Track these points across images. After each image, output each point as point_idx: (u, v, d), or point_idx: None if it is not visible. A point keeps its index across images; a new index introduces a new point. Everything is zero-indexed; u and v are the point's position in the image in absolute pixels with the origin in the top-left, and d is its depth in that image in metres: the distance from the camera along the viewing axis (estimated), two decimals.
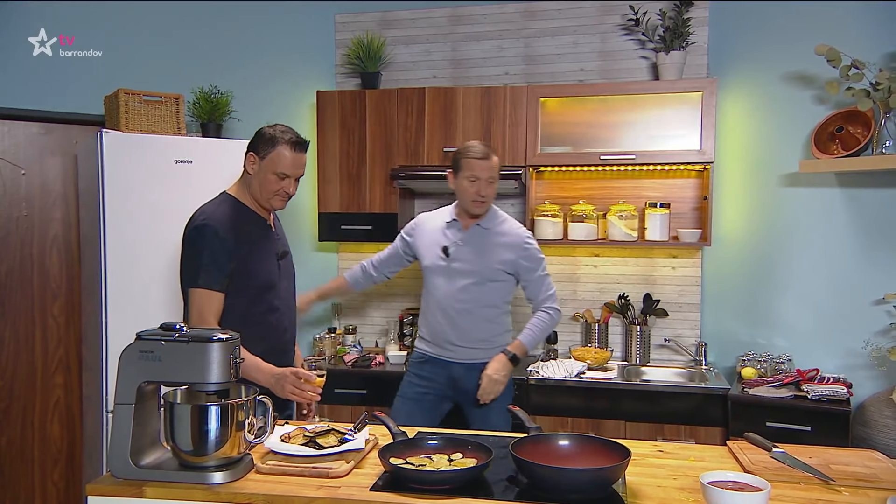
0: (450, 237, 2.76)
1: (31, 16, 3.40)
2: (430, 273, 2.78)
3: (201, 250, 2.15)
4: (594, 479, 1.61)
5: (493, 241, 2.74)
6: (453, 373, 2.74)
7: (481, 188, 2.67)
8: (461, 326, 2.72)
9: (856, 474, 1.72)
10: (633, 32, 3.47)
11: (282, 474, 1.73)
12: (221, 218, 2.19)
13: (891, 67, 2.85)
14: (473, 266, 2.71)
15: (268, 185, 2.24)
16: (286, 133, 2.26)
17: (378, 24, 3.79)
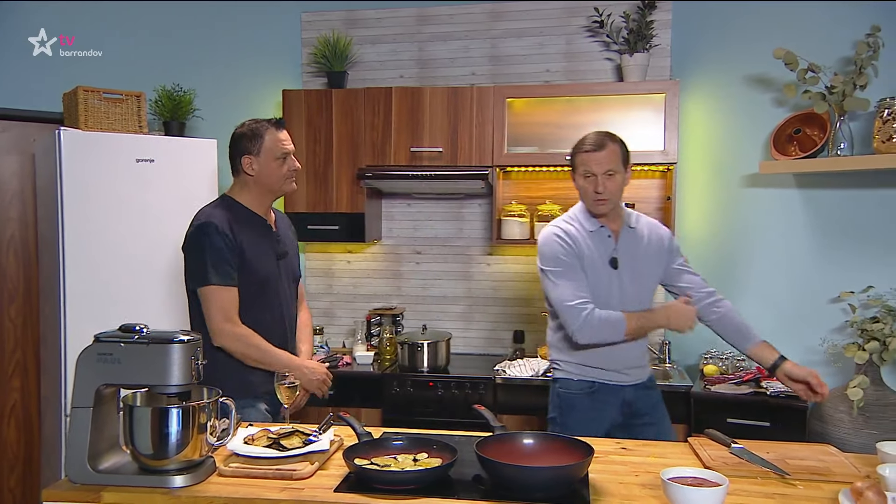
0: (608, 246, 2.37)
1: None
2: (594, 290, 2.33)
3: (206, 248, 2.19)
4: (557, 477, 1.62)
5: (645, 241, 2.41)
6: (626, 396, 2.41)
7: (598, 184, 2.30)
8: (639, 343, 2.40)
9: (810, 468, 1.77)
10: (598, 34, 3.51)
11: (245, 477, 1.71)
12: (220, 215, 2.25)
13: (845, 72, 2.92)
14: (641, 274, 2.38)
15: (276, 173, 2.30)
16: (259, 121, 2.32)
17: (344, 24, 3.77)
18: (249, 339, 2.23)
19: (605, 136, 2.32)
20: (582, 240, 2.35)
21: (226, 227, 2.22)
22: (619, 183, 2.30)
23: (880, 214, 3.08)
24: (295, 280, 2.50)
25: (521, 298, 3.71)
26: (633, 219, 2.42)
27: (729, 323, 2.37)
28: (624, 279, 2.35)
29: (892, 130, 2.75)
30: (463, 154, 3.43)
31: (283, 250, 2.40)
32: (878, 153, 2.81)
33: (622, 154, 2.31)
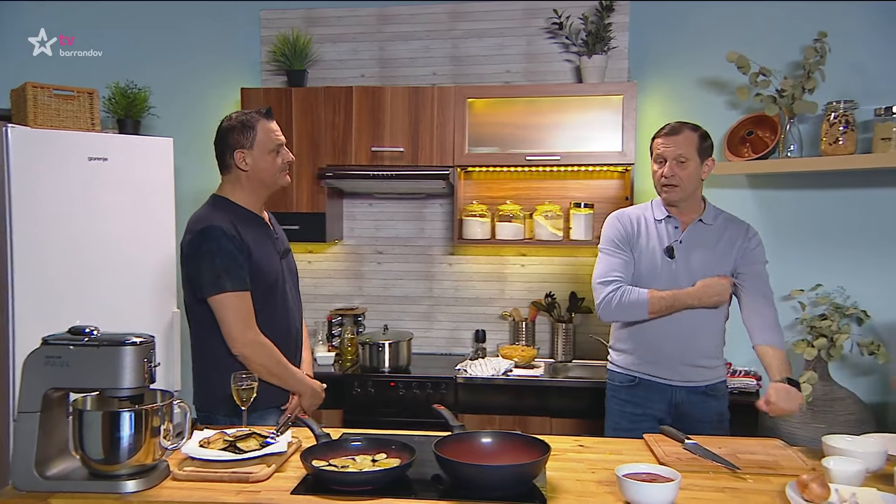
0: (672, 236, 2.34)
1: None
2: (646, 278, 2.32)
3: (216, 254, 2.08)
4: (514, 476, 1.63)
5: (715, 239, 2.33)
6: (675, 398, 2.33)
7: (667, 168, 2.25)
8: (693, 342, 2.32)
9: (760, 462, 1.81)
10: (558, 36, 3.55)
11: (199, 480, 1.69)
12: (222, 218, 2.14)
13: (794, 75, 3.00)
14: (701, 270, 2.30)
15: (271, 167, 2.22)
16: (250, 112, 2.23)
17: (304, 22, 3.74)
18: (272, 352, 2.17)
19: (685, 124, 2.30)
20: (644, 225, 2.35)
21: (231, 229, 2.11)
22: (691, 171, 2.25)
23: (828, 214, 3.17)
24: (296, 278, 2.44)
25: (483, 298, 3.73)
26: (710, 215, 2.35)
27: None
28: (680, 271, 2.29)
29: (839, 133, 2.84)
30: (424, 154, 3.44)
31: (284, 248, 2.34)
32: (826, 155, 2.90)
33: (699, 143, 2.26)
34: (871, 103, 2.84)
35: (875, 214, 2.99)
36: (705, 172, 2.31)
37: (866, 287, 2.94)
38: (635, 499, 1.54)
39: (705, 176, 2.32)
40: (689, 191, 2.28)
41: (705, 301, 2.25)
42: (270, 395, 2.21)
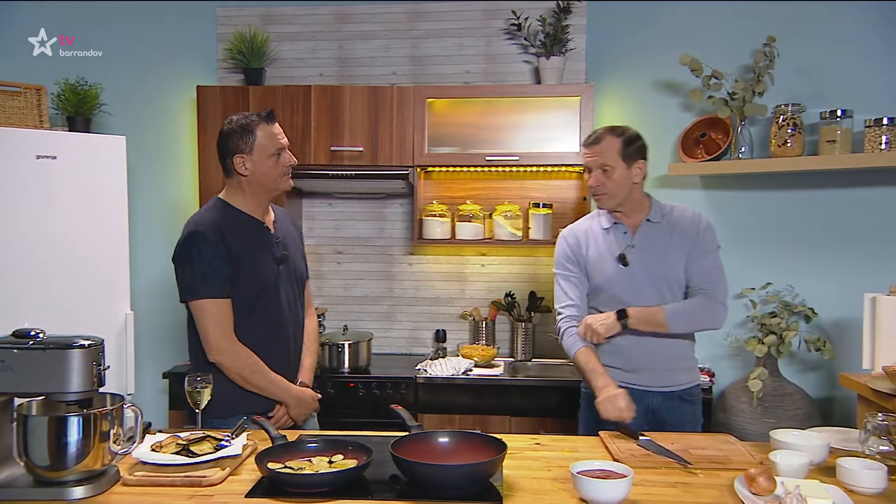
0: (623, 242, 2.29)
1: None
2: (606, 289, 2.30)
3: (195, 259, 2.09)
4: (470, 475, 1.64)
5: (669, 235, 2.28)
6: (651, 404, 2.29)
7: (592, 179, 2.24)
8: (666, 347, 2.28)
9: (710, 457, 1.85)
10: (516, 37, 3.57)
11: (151, 485, 1.66)
12: (209, 222, 2.13)
13: (745, 79, 3.08)
14: (659, 270, 2.26)
15: (271, 171, 2.17)
16: (251, 115, 2.18)
17: (261, 20, 3.70)
18: (247, 360, 2.14)
19: (607, 130, 2.24)
20: (592, 237, 2.32)
21: (215, 235, 2.10)
22: (618, 178, 2.20)
23: (778, 214, 3.25)
24: (301, 282, 2.37)
25: (443, 298, 3.74)
26: (658, 213, 2.29)
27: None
28: (637, 275, 2.25)
29: (787, 135, 2.92)
30: (384, 154, 3.43)
31: (282, 254, 2.25)
32: (775, 157, 2.98)
33: (622, 148, 2.20)
34: (818, 107, 2.93)
35: (822, 214, 3.08)
36: (637, 176, 2.24)
37: (813, 285, 3.03)
38: (589, 495, 1.56)
39: (638, 179, 2.25)
40: (622, 197, 2.24)
41: (602, 411, 2.14)
42: (254, 401, 2.17)
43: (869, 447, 1.73)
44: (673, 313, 2.18)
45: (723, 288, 2.24)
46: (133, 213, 3.32)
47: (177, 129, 3.73)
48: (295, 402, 2.23)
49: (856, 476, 1.62)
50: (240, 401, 2.16)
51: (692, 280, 2.24)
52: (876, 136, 2.70)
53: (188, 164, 3.72)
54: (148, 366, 3.51)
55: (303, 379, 2.33)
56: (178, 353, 3.67)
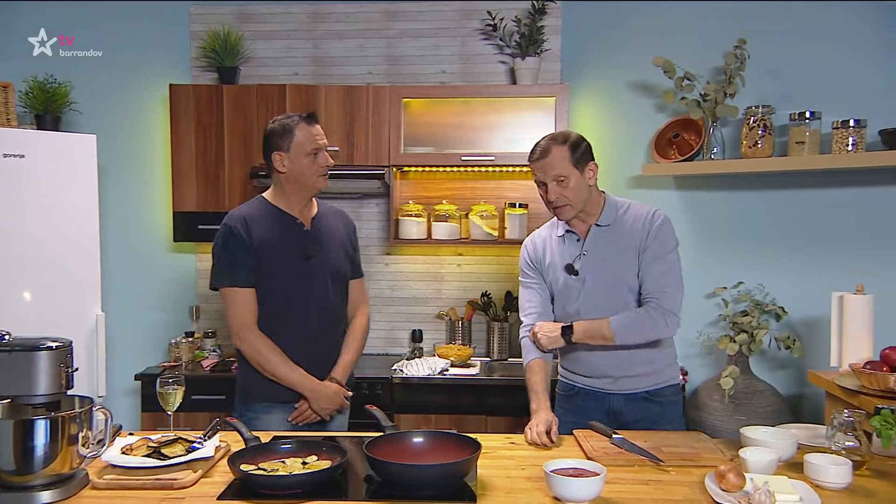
0: (575, 250, 2.23)
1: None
2: (560, 299, 2.26)
3: (221, 250, 2.24)
4: (444, 475, 1.64)
5: (619, 238, 2.20)
6: (613, 405, 2.24)
7: (550, 193, 2.15)
8: (626, 352, 2.20)
9: (682, 454, 1.87)
10: (492, 37, 3.58)
11: (121, 489, 1.64)
12: (239, 215, 2.27)
13: (717, 80, 3.12)
14: (610, 277, 2.18)
15: (307, 170, 2.26)
16: (292, 116, 2.29)
17: (236, 18, 3.67)
18: (263, 351, 2.24)
19: (551, 141, 2.15)
20: (549, 245, 2.27)
21: (241, 227, 2.23)
22: (574, 186, 2.13)
23: (750, 214, 3.30)
24: (341, 280, 2.39)
25: (420, 298, 3.74)
26: (608, 216, 2.20)
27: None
28: (588, 284, 2.18)
29: (758, 136, 2.97)
30: (359, 153, 3.42)
31: (311, 251, 2.30)
32: (746, 157, 3.02)
33: (571, 155, 2.13)
34: (788, 108, 2.98)
35: (792, 215, 3.13)
36: (591, 178, 2.18)
37: (783, 284, 3.08)
38: (562, 494, 1.57)
39: (592, 181, 2.18)
40: (581, 203, 2.17)
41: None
42: (275, 389, 2.27)
43: (835, 443, 1.76)
44: (618, 327, 2.11)
45: (673, 296, 2.12)
46: (104, 213, 3.27)
47: (149, 128, 3.69)
48: (314, 395, 2.27)
49: (822, 471, 1.65)
50: (270, 388, 2.27)
51: (643, 286, 2.15)
52: (843, 138, 2.75)
53: (161, 164, 3.68)
54: (120, 368, 3.47)
55: (334, 375, 2.35)
56: (151, 355, 3.63)
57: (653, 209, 2.21)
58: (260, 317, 2.26)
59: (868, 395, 2.26)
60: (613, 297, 2.17)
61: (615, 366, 2.21)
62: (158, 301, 3.72)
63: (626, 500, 1.61)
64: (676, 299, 2.13)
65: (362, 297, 2.53)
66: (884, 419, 1.66)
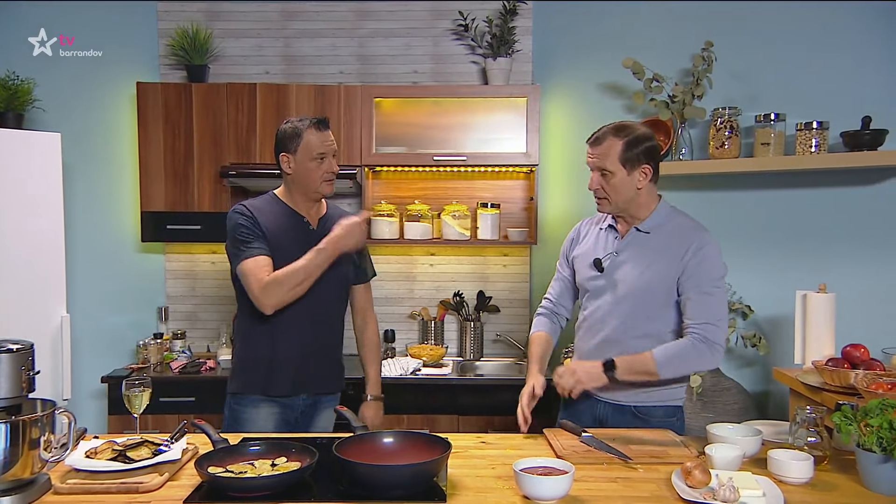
0: (610, 248, 2.16)
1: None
2: (585, 290, 2.22)
3: (233, 231, 2.26)
4: (414, 474, 1.64)
5: (655, 249, 2.09)
6: (599, 413, 2.19)
7: (592, 181, 2.10)
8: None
9: (650, 452, 1.90)
10: (464, 38, 3.59)
11: (84, 493, 1.61)
12: (248, 204, 2.31)
13: (685, 82, 3.16)
14: (638, 285, 2.08)
15: (311, 174, 2.29)
16: (304, 119, 2.32)
17: (205, 16, 3.63)
18: (279, 277, 2.19)
19: (610, 130, 2.06)
20: (590, 234, 2.24)
21: (248, 212, 2.27)
22: (618, 184, 2.04)
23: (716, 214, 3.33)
24: (340, 282, 2.40)
25: (392, 298, 3.73)
26: (652, 222, 2.11)
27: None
28: (607, 287, 2.12)
29: (724, 138, 3.01)
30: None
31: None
32: (713, 158, 3.07)
33: (623, 152, 2.02)
34: (753, 110, 3.03)
35: (758, 215, 3.18)
36: (641, 181, 2.06)
37: (750, 283, 3.13)
38: (531, 492, 1.58)
39: (642, 185, 2.06)
40: (622, 202, 2.08)
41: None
42: (265, 382, 2.29)
43: (797, 439, 1.80)
44: (664, 360, 1.99)
45: (719, 328, 2.01)
46: (70, 213, 3.22)
47: (116, 127, 3.63)
48: (338, 237, 2.22)
49: (784, 467, 1.68)
50: (261, 381, 2.29)
51: (686, 312, 2.03)
52: (806, 139, 2.80)
53: (128, 163, 3.62)
54: (86, 370, 3.41)
55: (370, 392, 2.47)
56: (118, 357, 3.58)
57: (702, 228, 2.10)
58: (256, 311, 2.25)
59: (830, 391, 2.31)
60: (637, 305, 2.07)
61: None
62: (126, 302, 3.67)
63: (594, 497, 1.62)
64: (721, 332, 2.02)
65: (368, 303, 2.57)
66: (844, 415, 1.70)
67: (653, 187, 2.12)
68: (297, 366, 2.32)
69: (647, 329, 2.07)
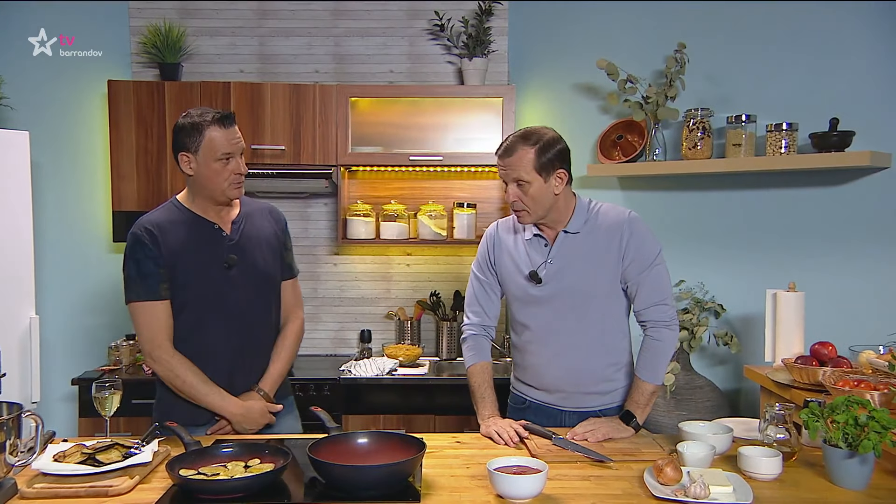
0: (541, 256, 2.10)
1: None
2: (518, 304, 2.17)
3: (128, 261, 2.06)
4: (387, 475, 1.64)
5: (588, 248, 2.06)
6: (564, 423, 2.15)
7: (508, 193, 2.03)
8: (577, 368, 2.11)
9: (623, 450, 1.91)
10: (440, 38, 3.59)
11: (52, 497, 1.59)
12: (147, 221, 2.07)
13: (658, 83, 3.19)
14: (577, 290, 2.06)
15: (216, 177, 2.04)
16: (206, 113, 2.05)
17: (178, 13, 3.59)
18: (178, 371, 2.05)
19: (519, 138, 2.00)
20: (512, 244, 2.14)
21: (151, 235, 2.04)
22: (535, 193, 1.98)
23: (690, 214, 3.38)
24: (268, 285, 2.20)
25: (369, 298, 3.72)
26: (578, 222, 2.06)
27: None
28: (554, 296, 2.07)
29: (697, 139, 3.04)
30: (306, 152, 3.38)
31: (232, 259, 2.10)
32: (686, 159, 3.10)
33: (536, 160, 1.97)
34: (725, 111, 3.06)
35: (730, 215, 3.22)
36: (557, 186, 2.01)
37: (722, 282, 3.16)
38: (505, 491, 1.59)
39: (559, 190, 2.02)
40: (543, 211, 2.03)
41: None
42: (194, 412, 2.10)
43: (767, 435, 1.83)
44: (650, 373, 2.03)
45: (670, 305, 2.05)
46: (39, 212, 3.16)
47: (87, 125, 3.57)
48: (236, 419, 2.09)
49: (754, 463, 1.71)
50: (189, 411, 2.09)
51: (636, 300, 2.06)
52: (776, 141, 2.84)
53: (99, 162, 3.57)
54: (57, 372, 3.35)
55: (262, 386, 2.16)
56: (88, 359, 3.52)
57: (625, 214, 2.08)
58: (177, 331, 2.08)
59: (799, 388, 2.35)
60: (579, 309, 2.06)
61: (569, 380, 2.11)
62: (98, 303, 3.61)
63: (567, 496, 1.63)
64: (671, 307, 2.05)
65: (295, 299, 2.31)
66: (811, 412, 1.72)
67: (569, 189, 2.09)
68: (234, 382, 2.13)
69: (601, 338, 2.09)
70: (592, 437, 1.97)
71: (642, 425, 2.07)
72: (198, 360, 2.09)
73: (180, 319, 2.09)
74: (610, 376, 2.13)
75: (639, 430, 2.04)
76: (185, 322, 2.10)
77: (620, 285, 2.07)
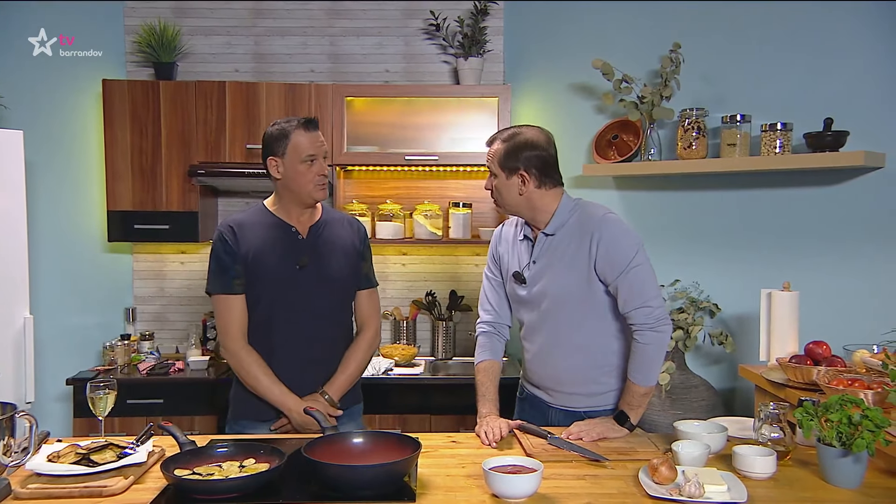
0: (525, 256, 2.14)
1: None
2: (513, 302, 2.22)
3: (211, 256, 2.21)
4: (383, 474, 1.64)
5: (563, 250, 2.07)
6: (552, 419, 2.18)
7: (486, 182, 2.13)
8: (569, 366, 2.13)
9: (618, 449, 1.92)
10: (435, 37, 3.59)
11: (45, 498, 1.58)
12: (233, 221, 2.23)
13: (653, 83, 3.19)
14: (556, 292, 2.07)
15: (301, 178, 2.17)
16: (291, 120, 2.21)
17: (173, 12, 3.58)
18: (245, 364, 2.19)
19: (500, 133, 2.09)
20: (511, 244, 2.19)
21: (229, 233, 2.19)
22: (500, 186, 2.05)
23: (685, 214, 3.39)
24: (340, 290, 2.29)
25: None
26: (555, 223, 2.07)
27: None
28: (535, 298, 2.10)
29: (692, 139, 3.05)
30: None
31: (305, 260, 2.21)
32: (681, 158, 3.10)
33: (502, 157, 2.02)
34: (720, 111, 3.07)
35: (724, 214, 3.23)
36: (522, 188, 2.03)
37: (717, 281, 3.17)
38: (500, 490, 1.59)
39: (524, 192, 2.04)
40: (510, 206, 2.08)
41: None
42: (260, 406, 2.21)
43: (761, 434, 1.83)
44: (642, 376, 2.01)
45: (656, 304, 1.99)
46: (33, 212, 3.15)
47: (81, 125, 3.56)
48: (293, 415, 2.19)
49: (748, 462, 1.71)
50: (256, 405, 2.22)
51: (620, 302, 2.02)
52: (771, 140, 2.84)
53: (94, 161, 3.56)
54: (51, 372, 3.34)
55: (326, 389, 2.25)
56: (83, 359, 3.51)
57: (598, 215, 2.06)
58: (251, 325, 2.21)
59: (793, 387, 2.35)
60: (556, 311, 2.08)
61: (552, 379, 2.15)
62: (92, 303, 3.61)
63: (562, 495, 1.63)
64: (658, 308, 1.99)
65: (371, 309, 2.39)
66: (805, 411, 1.73)
67: (546, 191, 2.07)
68: (300, 379, 2.22)
69: (580, 340, 2.09)
70: (587, 436, 1.98)
71: (637, 425, 2.08)
72: (268, 356, 2.21)
73: (255, 314, 2.22)
74: (596, 378, 2.12)
75: (633, 431, 2.05)
76: (259, 317, 2.22)
77: (601, 287, 2.04)
